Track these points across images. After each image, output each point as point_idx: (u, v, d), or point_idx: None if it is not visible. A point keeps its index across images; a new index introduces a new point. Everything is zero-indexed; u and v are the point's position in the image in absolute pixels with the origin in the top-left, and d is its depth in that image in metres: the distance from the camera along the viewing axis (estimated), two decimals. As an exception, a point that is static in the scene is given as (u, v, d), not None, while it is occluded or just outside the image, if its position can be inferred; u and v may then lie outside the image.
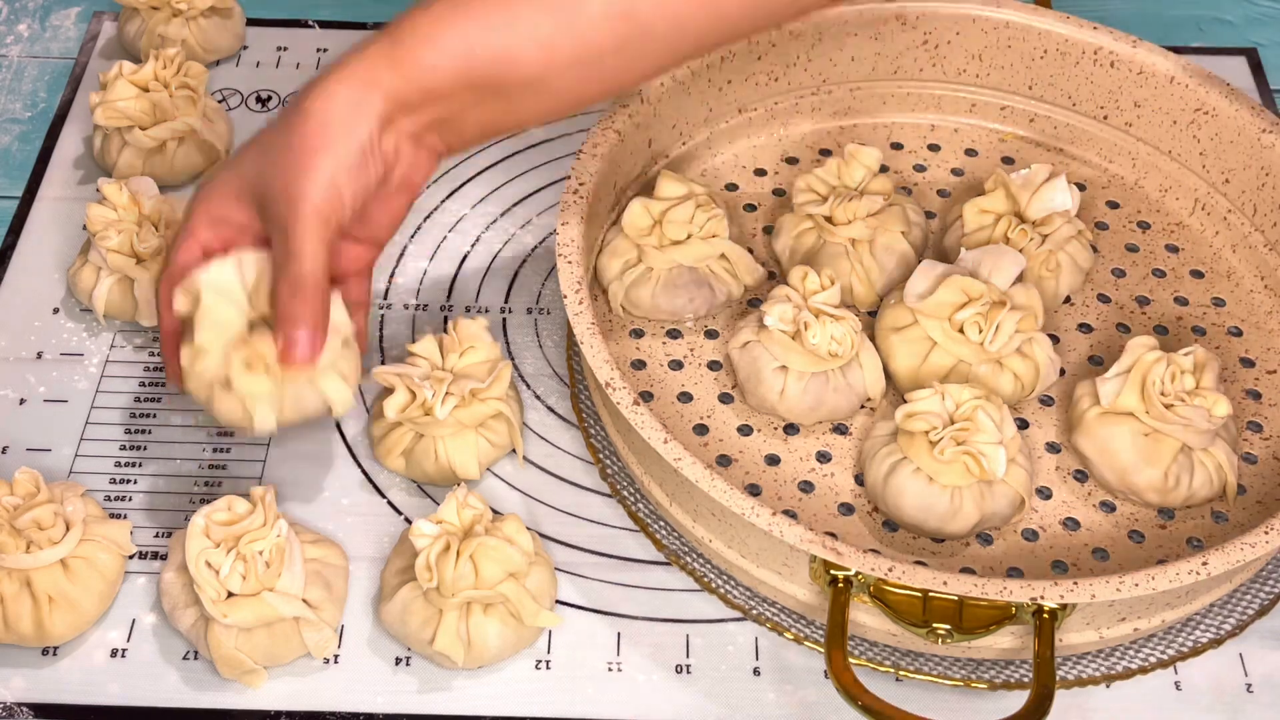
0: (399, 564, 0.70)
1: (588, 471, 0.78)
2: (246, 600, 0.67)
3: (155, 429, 0.79)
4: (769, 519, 0.65)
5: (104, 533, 0.70)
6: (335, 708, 0.68)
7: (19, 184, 0.91)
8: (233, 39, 0.99)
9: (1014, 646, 0.67)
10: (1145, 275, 0.86)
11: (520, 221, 0.90)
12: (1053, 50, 0.89)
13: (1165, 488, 0.74)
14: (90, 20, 1.02)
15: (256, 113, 0.96)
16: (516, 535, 0.68)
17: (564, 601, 0.72)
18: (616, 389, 0.69)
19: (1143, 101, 0.88)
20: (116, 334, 0.83)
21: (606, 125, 0.80)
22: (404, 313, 0.85)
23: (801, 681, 0.70)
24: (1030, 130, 0.93)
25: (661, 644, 0.71)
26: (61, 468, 0.77)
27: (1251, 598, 0.72)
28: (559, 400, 0.81)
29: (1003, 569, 0.73)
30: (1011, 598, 0.64)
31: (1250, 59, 1.02)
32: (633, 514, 0.75)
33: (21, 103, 0.97)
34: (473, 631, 0.68)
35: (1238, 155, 0.85)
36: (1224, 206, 0.87)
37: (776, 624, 0.71)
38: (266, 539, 0.67)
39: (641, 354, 0.81)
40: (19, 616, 0.68)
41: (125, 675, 0.69)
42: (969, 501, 0.71)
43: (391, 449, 0.75)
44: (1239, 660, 0.71)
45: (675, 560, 0.73)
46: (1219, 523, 0.75)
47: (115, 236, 0.80)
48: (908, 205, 0.84)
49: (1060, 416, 0.79)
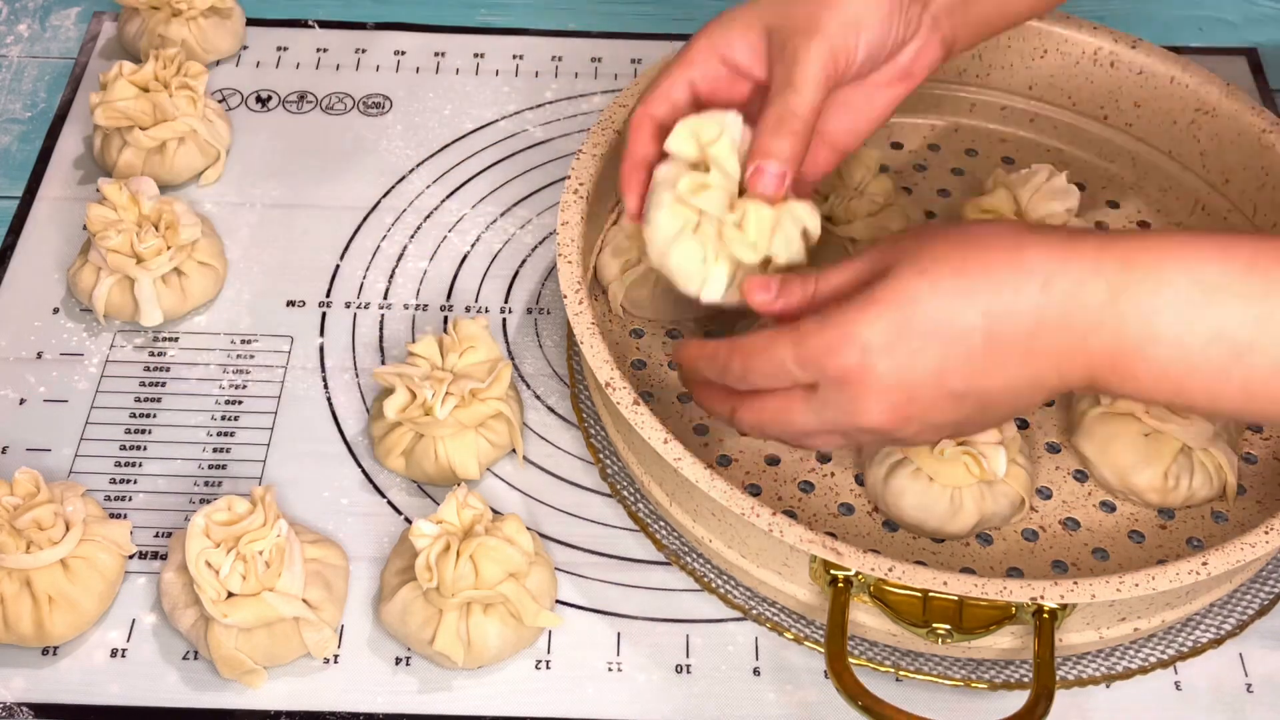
0: (399, 564, 0.70)
1: (588, 471, 0.78)
2: (246, 600, 0.67)
3: (155, 429, 0.79)
4: (769, 519, 0.65)
5: (104, 533, 0.70)
6: (335, 708, 0.68)
7: (19, 184, 0.91)
8: (233, 39, 0.99)
9: (1014, 646, 0.68)
10: (1145, 275, 0.86)
11: (520, 221, 0.90)
12: (1053, 50, 0.89)
13: (1165, 488, 0.74)
14: (90, 20, 1.02)
15: (256, 113, 0.96)
16: (516, 535, 0.68)
17: (564, 601, 0.72)
18: (616, 389, 0.69)
19: (1143, 101, 0.88)
20: (116, 334, 0.83)
21: (606, 125, 0.80)
22: (404, 313, 0.85)
23: (801, 681, 0.70)
24: (1030, 130, 0.93)
25: (661, 644, 0.71)
26: (61, 468, 0.77)
27: (1251, 598, 0.72)
28: (559, 400, 0.81)
29: (1003, 569, 0.73)
30: (1011, 598, 0.64)
31: (1250, 59, 1.01)
32: (633, 514, 0.75)
33: (21, 103, 0.97)
34: (473, 631, 0.68)
35: (1238, 155, 0.85)
36: (1224, 206, 0.87)
37: (776, 624, 0.71)
38: (266, 539, 0.67)
39: (641, 354, 0.81)
40: (19, 616, 0.68)
41: (125, 675, 0.69)
42: (969, 501, 0.71)
43: (391, 449, 0.75)
44: (1239, 660, 0.71)
45: (675, 560, 0.73)
46: (1219, 523, 0.75)
47: (115, 236, 0.80)
48: (908, 205, 0.84)
49: (1060, 416, 0.79)
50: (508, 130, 0.95)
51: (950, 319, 0.59)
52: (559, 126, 0.95)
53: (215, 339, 0.83)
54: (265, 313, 0.84)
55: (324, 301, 0.85)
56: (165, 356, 0.82)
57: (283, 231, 0.89)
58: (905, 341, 0.59)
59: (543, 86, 0.98)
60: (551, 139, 0.95)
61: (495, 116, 0.96)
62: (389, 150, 0.94)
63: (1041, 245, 0.59)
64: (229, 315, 0.84)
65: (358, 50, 1.00)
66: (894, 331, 0.59)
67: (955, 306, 0.59)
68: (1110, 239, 0.59)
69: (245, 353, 0.82)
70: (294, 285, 0.86)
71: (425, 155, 0.94)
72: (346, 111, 0.96)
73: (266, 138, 0.94)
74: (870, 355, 0.59)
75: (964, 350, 0.59)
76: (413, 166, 0.93)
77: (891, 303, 0.59)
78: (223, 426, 0.79)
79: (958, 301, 0.59)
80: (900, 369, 0.59)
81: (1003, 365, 0.59)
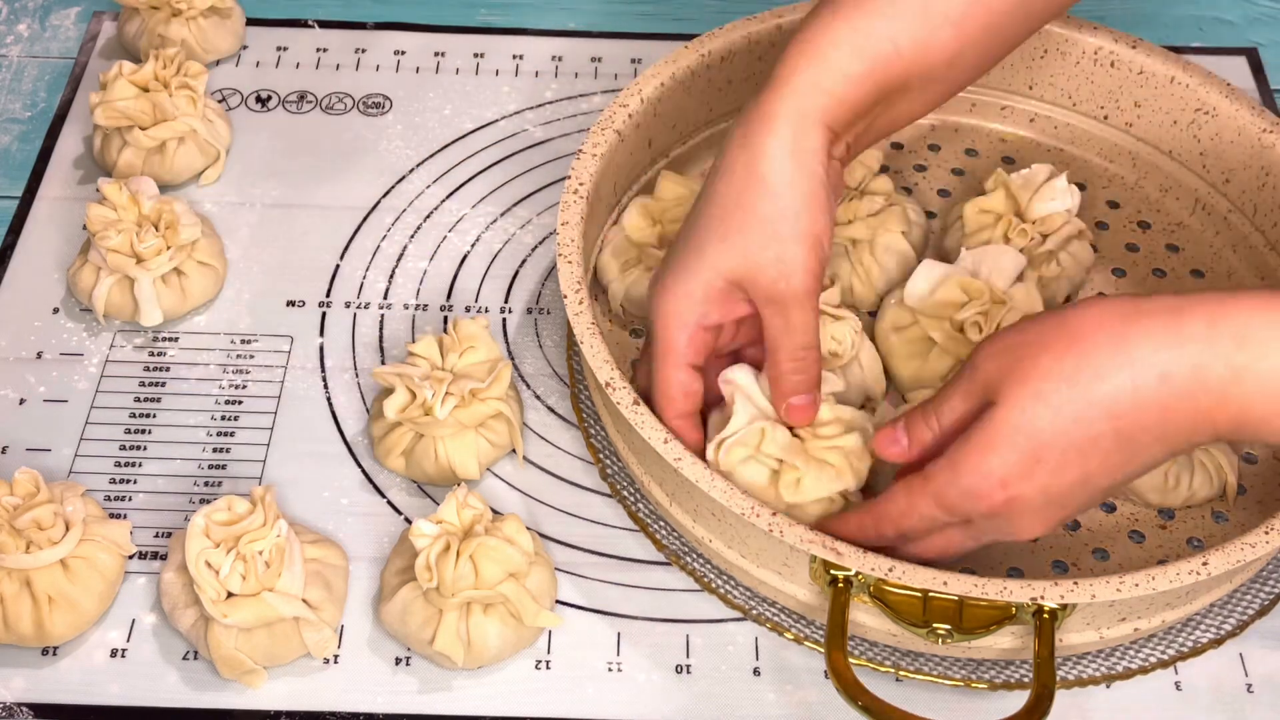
0: (399, 564, 0.70)
1: (588, 471, 0.78)
2: (246, 600, 0.67)
3: (155, 429, 0.79)
4: (769, 519, 0.65)
5: (104, 533, 0.70)
6: (335, 708, 0.68)
7: (19, 184, 0.91)
8: (233, 39, 0.99)
9: (1014, 647, 0.67)
10: (1146, 275, 0.86)
11: (520, 221, 0.90)
12: (1053, 50, 0.89)
13: (1165, 488, 0.74)
14: (90, 20, 1.02)
15: (256, 113, 0.96)
16: (516, 535, 0.68)
17: (564, 601, 0.72)
18: (616, 389, 0.69)
19: (1143, 101, 0.88)
20: (116, 334, 0.83)
21: (606, 125, 0.80)
22: (404, 313, 0.85)
23: (801, 681, 0.70)
24: (1030, 130, 0.93)
25: (661, 644, 0.71)
26: (61, 468, 0.77)
27: (1251, 598, 0.72)
28: (559, 400, 0.81)
29: (1003, 569, 0.73)
30: (1012, 598, 0.64)
31: (1250, 59, 1.01)
32: (633, 514, 0.75)
33: (21, 103, 0.97)
34: (473, 631, 0.68)
35: (1238, 155, 0.85)
36: (1224, 206, 0.87)
37: (776, 624, 0.71)
38: (266, 539, 0.67)
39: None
40: (19, 616, 0.68)
41: (125, 675, 0.69)
42: (969, 501, 0.71)
43: (391, 449, 0.75)
44: (1239, 660, 0.71)
45: (675, 560, 0.73)
46: (1219, 523, 0.75)
47: (115, 236, 0.80)
48: (908, 205, 0.84)
49: (1060, 416, 0.79)
50: (508, 130, 0.95)
51: (1080, 433, 0.60)
52: (559, 126, 0.95)
53: (215, 339, 0.83)
54: (265, 313, 0.84)
55: (324, 301, 0.85)
56: (165, 356, 0.82)
57: (283, 231, 0.89)
58: (1043, 465, 0.61)
59: (543, 86, 0.98)
60: (551, 139, 0.95)
61: (495, 116, 0.96)
62: (389, 150, 0.94)
63: (1147, 337, 0.60)
64: (229, 315, 0.84)
65: (358, 50, 1.00)
66: (1029, 460, 0.61)
67: (1080, 421, 0.60)
68: (1216, 314, 0.59)
69: (245, 353, 0.82)
70: (294, 285, 0.86)
71: (425, 155, 0.94)
72: (346, 111, 0.96)
73: (266, 138, 0.94)
74: (1012, 488, 0.61)
75: (1100, 454, 0.61)
76: (413, 166, 0.93)
77: (1016, 433, 0.61)
78: (223, 426, 0.79)
79: (1081, 415, 0.60)
80: (1046, 488, 0.61)
81: (1139, 454, 0.61)
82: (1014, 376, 0.61)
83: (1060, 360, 0.60)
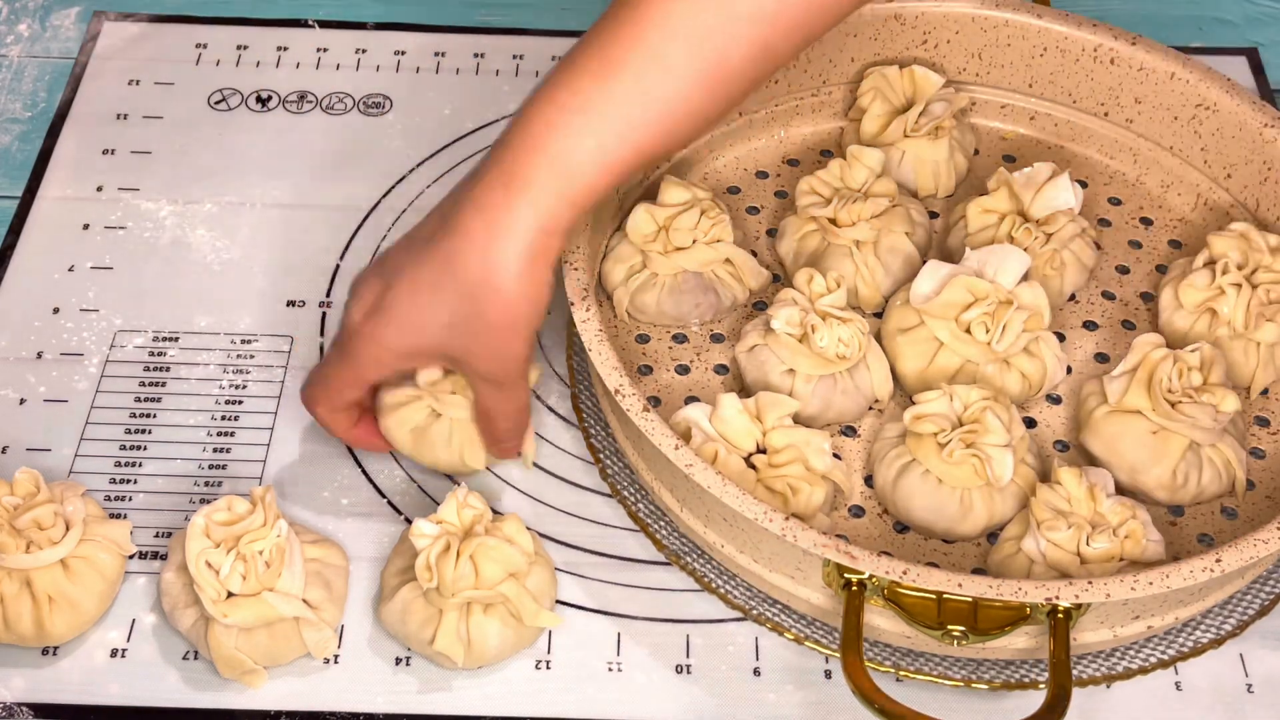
0: (399, 564, 0.70)
1: (588, 471, 0.78)
2: (246, 600, 0.66)
3: (155, 429, 0.78)
4: (782, 523, 0.65)
5: (104, 533, 0.70)
6: (335, 708, 0.68)
7: (19, 184, 0.91)
8: None
9: (1029, 647, 0.67)
10: (1149, 271, 0.86)
11: (520, 221, 0.90)
12: (1052, 48, 0.89)
13: (1174, 485, 0.73)
14: (90, 20, 1.02)
15: (256, 113, 0.96)
16: (516, 535, 0.68)
17: (564, 601, 0.72)
18: (626, 395, 0.69)
19: (1143, 98, 0.88)
20: (117, 334, 0.83)
21: (607, 124, 0.80)
22: (404, 312, 0.85)
23: (801, 682, 0.70)
24: (1031, 128, 0.92)
25: (661, 644, 0.71)
26: (61, 468, 0.77)
27: (1252, 598, 0.72)
28: (559, 400, 0.81)
29: (1008, 569, 0.72)
30: (1026, 598, 0.63)
31: (1250, 59, 1.01)
32: (633, 514, 0.75)
33: (21, 103, 0.97)
34: (473, 631, 0.68)
35: (1239, 150, 0.85)
36: (1226, 201, 0.87)
37: (777, 624, 0.71)
38: (266, 539, 0.67)
39: (648, 359, 0.81)
40: (19, 616, 0.68)
41: (125, 675, 0.69)
42: (979, 502, 0.71)
43: (403, 422, 0.74)
44: (1239, 660, 0.71)
45: (675, 560, 0.73)
46: (1229, 519, 0.74)
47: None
48: (911, 206, 0.84)
49: (1068, 415, 0.79)
50: (508, 130, 0.95)
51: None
52: (559, 126, 0.95)
53: (215, 339, 0.83)
54: (265, 313, 0.84)
55: (324, 301, 0.85)
56: (165, 356, 0.82)
57: (283, 231, 0.89)
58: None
59: (543, 86, 0.98)
60: (552, 138, 0.95)
61: (495, 116, 0.96)
62: (389, 150, 0.94)
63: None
64: (229, 315, 0.84)
65: (358, 50, 1.00)
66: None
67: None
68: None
69: (245, 353, 0.82)
70: (294, 285, 0.86)
71: (425, 155, 0.93)
72: (346, 111, 0.96)
73: (266, 138, 0.94)
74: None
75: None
76: (413, 166, 0.93)
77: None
78: (223, 426, 0.79)
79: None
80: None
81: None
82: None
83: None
